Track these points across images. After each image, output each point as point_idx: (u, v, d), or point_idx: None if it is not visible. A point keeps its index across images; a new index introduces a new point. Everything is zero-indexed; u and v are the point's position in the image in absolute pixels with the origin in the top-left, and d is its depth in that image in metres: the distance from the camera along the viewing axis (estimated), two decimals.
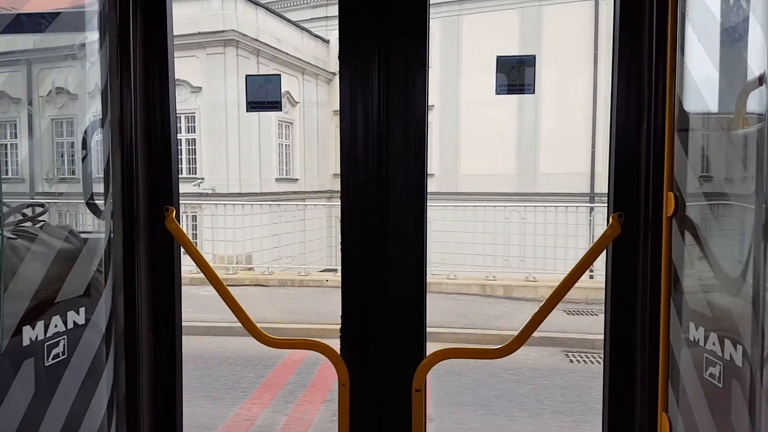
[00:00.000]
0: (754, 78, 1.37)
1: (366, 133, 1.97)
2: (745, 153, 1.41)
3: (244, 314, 2.06)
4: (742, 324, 1.39)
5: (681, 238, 1.67)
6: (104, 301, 1.99)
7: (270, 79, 2.09)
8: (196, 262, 2.07)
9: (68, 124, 2.04)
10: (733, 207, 1.47)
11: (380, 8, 1.94)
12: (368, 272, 2.01)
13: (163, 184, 2.14)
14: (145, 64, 2.09)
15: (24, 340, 1.66)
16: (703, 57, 1.62)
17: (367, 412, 2.04)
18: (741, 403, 1.38)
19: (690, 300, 1.65)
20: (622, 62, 1.89)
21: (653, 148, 1.82)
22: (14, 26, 1.77)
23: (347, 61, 1.97)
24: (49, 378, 1.76)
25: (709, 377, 1.53)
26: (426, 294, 2.03)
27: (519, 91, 1.96)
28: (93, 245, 1.98)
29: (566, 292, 1.95)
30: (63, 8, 1.99)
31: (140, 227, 2.10)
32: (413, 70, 1.95)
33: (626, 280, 1.93)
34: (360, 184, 1.99)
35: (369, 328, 2.03)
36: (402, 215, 1.99)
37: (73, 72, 2.02)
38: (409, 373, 1.98)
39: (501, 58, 1.97)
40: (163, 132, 2.13)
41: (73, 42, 1.95)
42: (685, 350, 1.65)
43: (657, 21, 1.78)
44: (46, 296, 1.75)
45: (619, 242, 1.91)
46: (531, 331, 1.96)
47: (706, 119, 1.63)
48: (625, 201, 1.90)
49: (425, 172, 1.99)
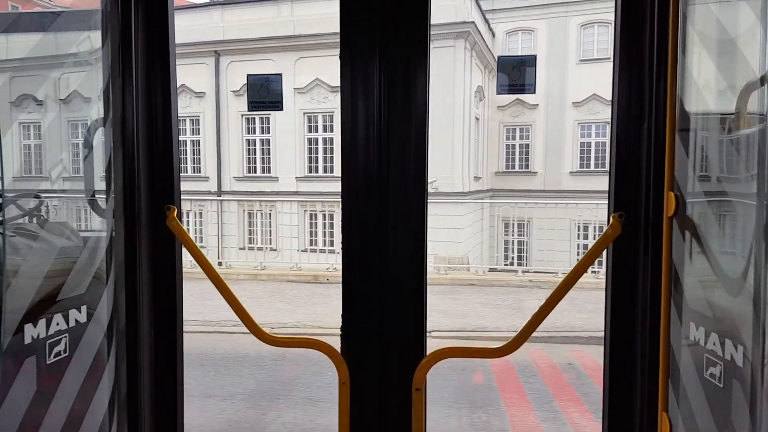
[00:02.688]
0: (755, 78, 1.37)
1: (367, 132, 1.98)
2: (746, 153, 1.41)
3: (244, 312, 2.06)
4: (742, 324, 1.39)
5: (682, 238, 1.67)
6: (106, 299, 2.00)
7: (271, 78, 2.10)
8: (197, 260, 2.08)
9: (72, 124, 2.05)
10: (734, 207, 1.47)
11: (381, 8, 1.94)
12: (369, 271, 2.02)
13: (164, 183, 2.14)
14: (147, 64, 2.10)
15: (26, 338, 1.67)
16: (704, 57, 1.62)
17: (368, 410, 2.04)
18: (742, 403, 1.38)
19: (690, 300, 1.65)
20: (623, 62, 1.89)
21: (654, 148, 1.82)
22: (17, 26, 1.77)
23: (348, 61, 1.97)
24: (50, 376, 1.77)
25: (710, 377, 1.53)
26: (426, 293, 2.03)
27: (520, 90, 1.96)
28: (95, 243, 1.98)
29: (566, 293, 1.95)
30: (65, 8, 2.00)
31: (142, 226, 2.11)
32: (415, 70, 1.95)
33: (627, 280, 1.93)
34: (361, 183, 2.00)
35: (369, 327, 2.03)
36: (403, 215, 1.99)
37: (75, 71, 2.02)
38: (409, 372, 1.98)
39: (502, 58, 1.97)
40: (164, 131, 2.13)
41: (75, 41, 1.95)
42: (686, 350, 1.65)
43: (658, 21, 1.78)
44: (48, 294, 1.76)
45: (619, 242, 1.91)
46: (531, 330, 1.96)
47: (707, 119, 1.63)
48: (625, 201, 1.90)
49: (426, 171, 1.99)
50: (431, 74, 1.97)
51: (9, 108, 1.89)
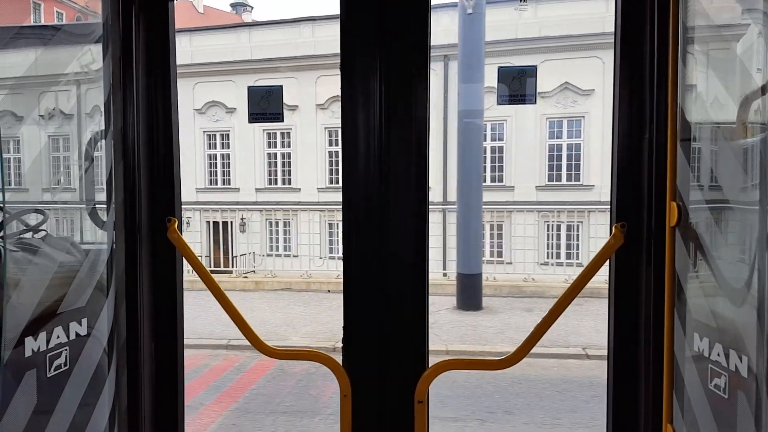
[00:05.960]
0: (756, 87, 1.37)
1: (367, 142, 1.98)
2: (748, 162, 1.41)
3: (245, 325, 2.05)
4: (747, 334, 1.38)
5: (684, 248, 1.66)
6: (106, 312, 1.99)
7: (272, 90, 2.10)
8: (197, 272, 2.07)
9: (72, 135, 2.05)
10: (737, 216, 1.46)
11: (382, 19, 1.95)
12: (370, 283, 2.01)
13: (165, 194, 2.14)
14: (148, 76, 2.10)
15: (26, 351, 1.66)
16: (705, 67, 1.62)
17: (369, 423, 2.03)
18: (747, 414, 1.37)
19: (694, 310, 1.63)
20: (624, 72, 1.89)
21: (656, 158, 1.81)
22: (18, 40, 1.78)
23: (349, 71, 1.98)
24: (51, 389, 1.76)
25: (714, 388, 1.51)
26: (428, 305, 2.02)
27: (520, 101, 1.96)
28: (95, 256, 1.98)
29: (569, 303, 1.94)
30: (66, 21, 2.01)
31: (142, 238, 2.10)
32: (415, 81, 1.95)
33: (629, 291, 1.92)
34: (361, 194, 1.99)
35: (371, 339, 2.02)
36: (404, 226, 1.98)
37: (76, 84, 2.03)
38: (411, 384, 1.97)
39: (502, 68, 1.97)
40: (165, 143, 2.14)
41: (76, 55, 1.96)
42: (690, 361, 1.64)
43: (658, 31, 1.78)
44: (49, 307, 1.75)
45: (622, 252, 1.90)
46: (535, 341, 1.94)
47: (708, 129, 1.62)
48: (627, 211, 1.90)
49: (426, 182, 1.98)
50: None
51: (11, 121, 1.90)
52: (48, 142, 2.00)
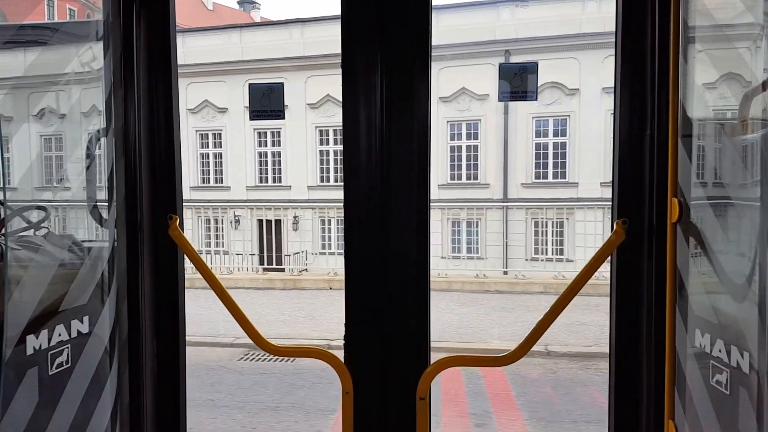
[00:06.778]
0: (758, 83, 1.38)
1: (369, 139, 1.97)
2: (750, 158, 1.41)
3: (247, 322, 2.05)
4: (748, 330, 1.38)
5: (686, 245, 1.67)
6: (108, 310, 1.99)
7: (273, 87, 2.10)
8: (199, 269, 2.07)
9: (73, 134, 2.04)
10: (738, 212, 1.47)
11: (383, 18, 1.95)
12: (372, 280, 2.01)
13: (166, 192, 2.14)
14: (149, 74, 2.10)
15: (28, 349, 1.66)
16: (706, 63, 1.63)
17: (371, 420, 2.03)
18: (748, 410, 1.37)
19: (695, 306, 1.64)
20: (625, 69, 1.89)
21: (657, 155, 1.82)
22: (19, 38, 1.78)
23: (349, 68, 1.97)
24: (52, 387, 1.75)
25: (716, 384, 1.52)
26: (430, 302, 2.02)
27: (521, 98, 1.96)
28: (97, 253, 1.98)
29: (571, 300, 1.94)
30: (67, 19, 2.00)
31: (144, 235, 2.10)
32: (416, 80, 1.95)
33: (631, 287, 1.92)
34: (363, 193, 1.99)
35: (373, 337, 2.02)
36: (405, 224, 1.98)
37: (77, 82, 2.02)
38: (413, 381, 1.97)
39: (503, 65, 1.97)
40: (166, 140, 2.13)
41: (77, 53, 1.95)
42: (692, 357, 1.64)
43: (659, 27, 1.79)
44: (50, 305, 1.75)
45: (623, 249, 1.91)
46: (536, 339, 1.95)
47: (709, 125, 1.63)
48: (629, 207, 1.90)
49: (428, 181, 1.98)
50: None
51: (12, 119, 1.89)
52: (49, 140, 1.99)
